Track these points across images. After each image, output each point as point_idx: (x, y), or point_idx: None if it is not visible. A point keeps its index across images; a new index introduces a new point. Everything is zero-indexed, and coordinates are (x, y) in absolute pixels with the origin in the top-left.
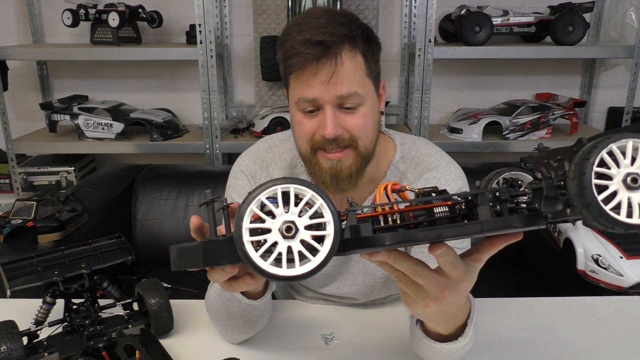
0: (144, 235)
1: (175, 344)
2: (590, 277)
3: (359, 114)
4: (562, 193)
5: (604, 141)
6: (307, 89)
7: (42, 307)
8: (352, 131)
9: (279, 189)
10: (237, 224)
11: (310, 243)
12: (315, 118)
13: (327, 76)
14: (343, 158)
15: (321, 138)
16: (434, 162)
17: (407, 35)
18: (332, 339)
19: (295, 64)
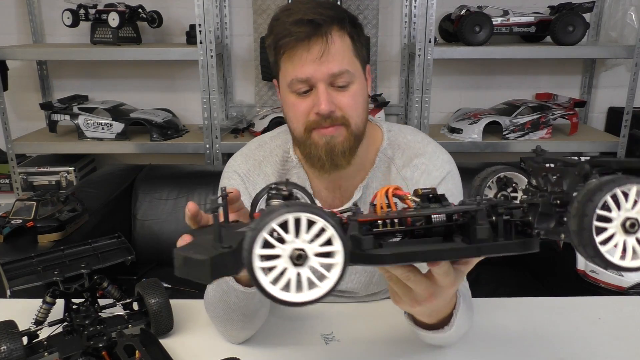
0: (144, 235)
1: (175, 343)
2: (590, 277)
3: (350, 92)
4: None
5: (609, 184)
6: (300, 69)
7: (42, 307)
8: (344, 109)
9: (291, 217)
10: (248, 249)
11: (318, 270)
12: (309, 98)
13: (318, 53)
14: (336, 134)
15: (315, 116)
16: (422, 149)
17: (407, 35)
18: (332, 339)
19: (287, 43)
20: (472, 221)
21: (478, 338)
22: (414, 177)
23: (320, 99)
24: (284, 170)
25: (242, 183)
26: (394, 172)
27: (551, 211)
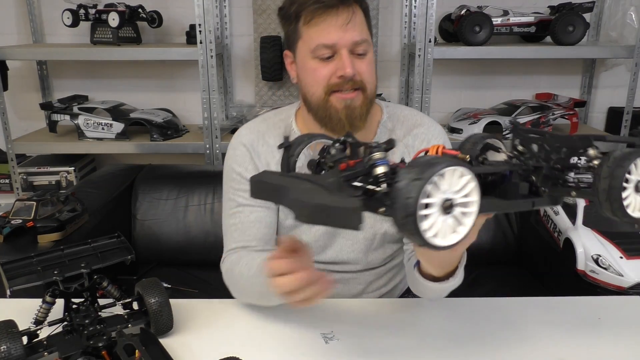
0: (144, 235)
1: (175, 343)
2: (590, 277)
3: (367, 60)
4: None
5: (634, 154)
6: (326, 35)
7: (41, 307)
8: (362, 74)
9: (450, 170)
10: (415, 197)
11: (457, 217)
12: (331, 63)
13: (345, 21)
14: (355, 98)
15: (338, 80)
16: (419, 120)
17: (407, 35)
18: (332, 338)
19: (316, 10)
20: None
21: (478, 338)
22: (415, 145)
23: (345, 63)
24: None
25: (247, 153)
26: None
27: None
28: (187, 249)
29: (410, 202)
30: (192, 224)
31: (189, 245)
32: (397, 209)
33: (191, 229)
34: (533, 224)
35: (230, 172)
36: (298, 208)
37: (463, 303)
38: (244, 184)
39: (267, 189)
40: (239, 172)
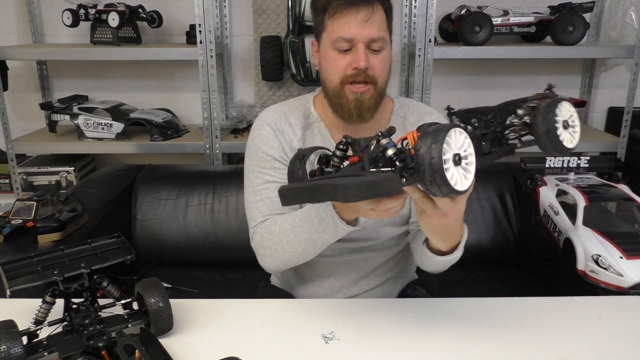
0: (144, 235)
1: (175, 343)
2: (590, 277)
3: (382, 56)
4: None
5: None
6: (347, 29)
7: (41, 307)
8: (375, 69)
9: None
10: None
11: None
12: (348, 55)
13: (364, 17)
14: (365, 92)
15: (353, 71)
16: (427, 109)
17: (407, 35)
18: (332, 338)
19: (340, 4)
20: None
21: (478, 338)
22: None
23: (359, 56)
24: (307, 123)
25: (272, 132)
26: (409, 127)
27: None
28: (187, 249)
29: (435, 160)
30: (192, 224)
31: (189, 245)
32: (425, 169)
33: (191, 229)
34: (533, 224)
35: (256, 151)
36: (344, 192)
37: (463, 303)
38: (270, 161)
39: (300, 193)
40: (265, 150)
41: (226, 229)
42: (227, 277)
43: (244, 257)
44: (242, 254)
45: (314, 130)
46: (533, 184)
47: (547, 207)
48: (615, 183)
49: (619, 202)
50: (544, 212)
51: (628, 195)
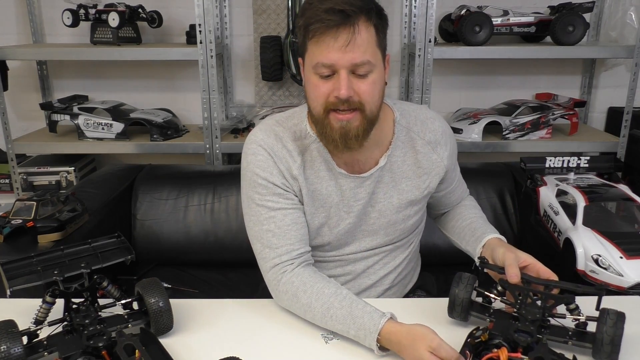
0: (144, 235)
1: (175, 343)
2: (590, 277)
3: (369, 80)
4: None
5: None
6: (326, 55)
7: (41, 307)
8: (361, 95)
9: None
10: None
11: None
12: (330, 82)
13: (345, 42)
14: (352, 119)
15: (334, 99)
16: (426, 114)
17: (407, 35)
18: (332, 338)
19: (317, 29)
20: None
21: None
22: (436, 139)
23: (340, 84)
24: (303, 146)
25: (270, 158)
26: (416, 138)
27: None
28: (187, 249)
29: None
30: (192, 224)
31: (189, 245)
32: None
33: (191, 229)
34: (533, 224)
35: (254, 177)
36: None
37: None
38: (272, 188)
39: None
40: (265, 177)
41: (226, 229)
42: (227, 277)
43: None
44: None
45: (313, 152)
46: (533, 184)
47: (547, 207)
48: (615, 183)
49: (619, 202)
50: (544, 212)
51: (628, 195)
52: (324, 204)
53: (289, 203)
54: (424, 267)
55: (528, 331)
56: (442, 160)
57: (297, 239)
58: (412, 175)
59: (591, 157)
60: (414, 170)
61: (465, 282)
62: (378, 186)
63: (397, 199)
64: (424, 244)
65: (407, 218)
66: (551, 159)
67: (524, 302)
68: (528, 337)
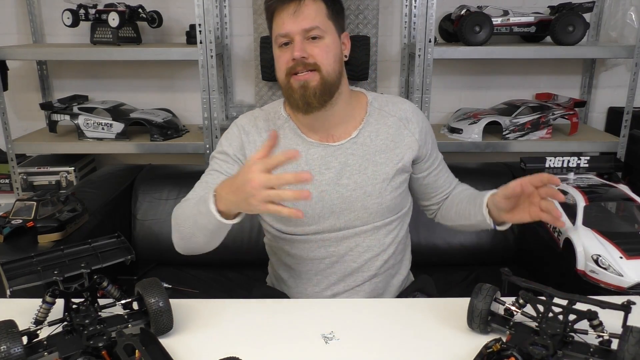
0: (144, 235)
1: (175, 343)
2: (590, 277)
3: (321, 44)
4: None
5: None
6: (281, 25)
7: (41, 307)
8: (315, 56)
9: None
10: None
11: None
12: (288, 50)
13: (293, 10)
14: (309, 79)
15: (292, 62)
16: (400, 99)
17: (407, 35)
18: (332, 338)
19: (272, 6)
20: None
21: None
22: (407, 116)
23: (295, 47)
24: (275, 125)
25: (237, 132)
26: (387, 115)
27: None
28: None
29: None
30: None
31: None
32: None
33: None
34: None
35: (218, 146)
36: None
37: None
38: (223, 155)
39: None
40: (224, 145)
41: None
42: (226, 277)
43: (243, 257)
44: (241, 254)
45: (286, 130)
46: None
47: None
48: (615, 183)
49: (619, 202)
50: None
51: (628, 195)
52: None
53: (228, 170)
54: (423, 268)
55: (545, 345)
56: (414, 135)
57: None
58: (386, 148)
59: (591, 157)
60: (387, 144)
61: (484, 293)
62: (352, 158)
63: (372, 171)
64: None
65: (384, 192)
66: (551, 159)
67: (545, 316)
68: (543, 350)
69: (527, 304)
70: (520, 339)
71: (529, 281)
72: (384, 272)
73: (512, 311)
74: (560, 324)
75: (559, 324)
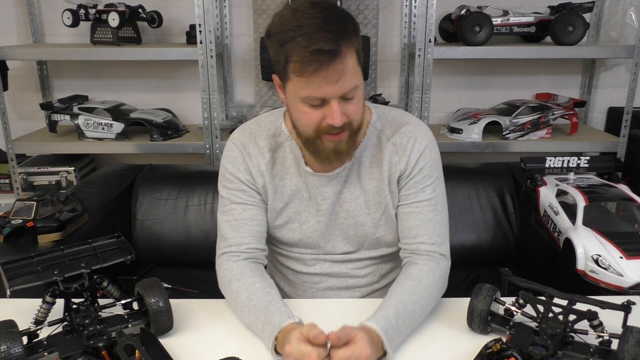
0: (144, 235)
1: (175, 343)
2: (590, 277)
3: (356, 100)
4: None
5: None
6: (317, 90)
7: (42, 307)
8: (350, 116)
9: None
10: None
11: None
12: (321, 109)
13: (338, 76)
14: (343, 138)
15: (327, 125)
16: (406, 119)
17: (407, 35)
18: None
19: (306, 70)
20: None
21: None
22: (402, 143)
23: (334, 114)
24: (276, 143)
25: (239, 153)
26: (384, 140)
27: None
28: (187, 249)
29: None
30: (192, 224)
31: (189, 245)
32: None
33: (191, 229)
34: (533, 224)
35: (224, 171)
36: None
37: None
38: (236, 183)
39: None
40: (232, 172)
41: None
42: None
43: None
44: None
45: (285, 149)
46: (533, 184)
47: (547, 207)
48: (615, 183)
49: (619, 202)
50: (544, 212)
51: (628, 195)
52: (293, 199)
53: (249, 200)
54: None
55: (545, 345)
56: (400, 164)
57: (250, 233)
58: (378, 177)
59: (591, 157)
60: (380, 172)
61: (484, 294)
62: (345, 186)
63: (364, 200)
64: None
65: (377, 224)
66: (551, 159)
67: (545, 317)
68: (543, 351)
69: (527, 304)
70: (520, 339)
71: (529, 281)
72: (382, 287)
73: (512, 311)
74: (560, 324)
75: (559, 324)
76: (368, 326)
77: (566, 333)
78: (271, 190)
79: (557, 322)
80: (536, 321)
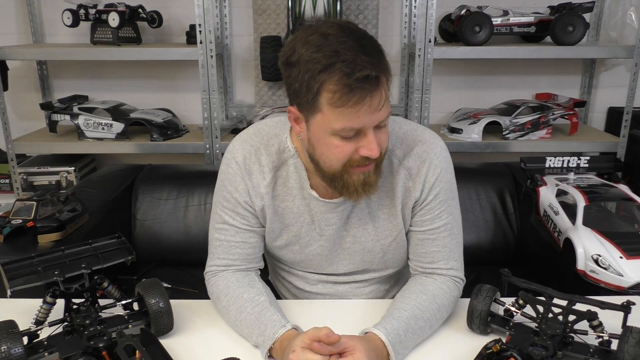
0: (144, 235)
1: (175, 343)
2: (590, 277)
3: (386, 128)
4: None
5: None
6: (355, 120)
7: (42, 307)
8: (382, 145)
9: None
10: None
11: None
12: (354, 140)
13: (378, 104)
14: (371, 169)
15: (360, 158)
16: (419, 136)
17: (407, 35)
18: None
19: (349, 99)
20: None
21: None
22: (416, 167)
23: (371, 145)
24: (280, 160)
25: (239, 171)
26: (396, 163)
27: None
28: (187, 249)
29: None
30: (192, 224)
31: (189, 245)
32: None
33: (191, 229)
34: (533, 224)
35: (221, 188)
36: None
37: (463, 303)
38: (232, 203)
39: None
40: (230, 190)
41: None
42: None
43: None
44: None
45: (289, 167)
46: (533, 184)
47: (547, 207)
48: (615, 183)
49: (619, 202)
50: (544, 212)
51: (628, 195)
52: (294, 222)
53: (244, 223)
54: None
55: (545, 345)
56: (415, 192)
57: (240, 256)
58: (389, 203)
59: (591, 157)
60: (392, 199)
61: (484, 294)
62: (353, 212)
63: (373, 227)
64: None
65: (386, 250)
66: (551, 159)
67: (545, 317)
68: (543, 351)
69: (527, 305)
70: (520, 340)
71: (529, 282)
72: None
73: (511, 312)
74: (560, 324)
75: (559, 324)
76: (375, 334)
77: (566, 333)
78: (270, 213)
79: (556, 323)
80: (536, 322)
